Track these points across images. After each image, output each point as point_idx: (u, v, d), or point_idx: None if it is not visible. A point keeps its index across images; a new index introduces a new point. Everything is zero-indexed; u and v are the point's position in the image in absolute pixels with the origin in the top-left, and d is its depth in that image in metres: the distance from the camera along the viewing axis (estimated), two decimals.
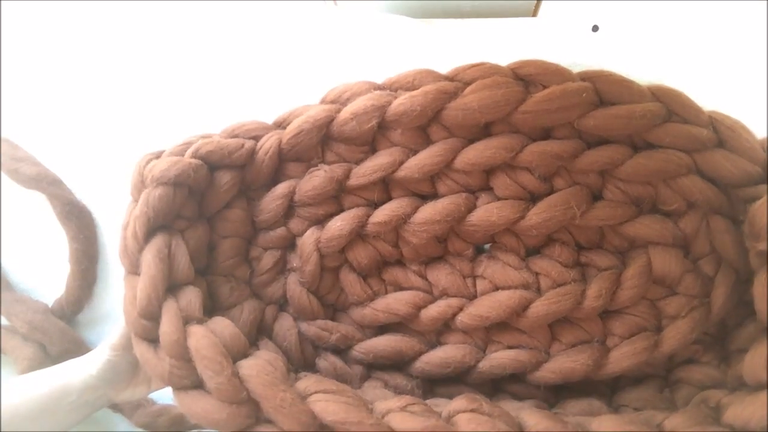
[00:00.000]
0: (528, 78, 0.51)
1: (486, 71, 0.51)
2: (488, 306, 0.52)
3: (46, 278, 0.67)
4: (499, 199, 0.53)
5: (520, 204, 0.52)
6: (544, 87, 0.50)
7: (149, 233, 0.45)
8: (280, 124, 0.54)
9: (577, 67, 0.51)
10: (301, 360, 0.53)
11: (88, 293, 0.67)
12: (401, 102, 0.51)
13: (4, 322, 0.65)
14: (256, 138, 0.53)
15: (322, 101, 0.55)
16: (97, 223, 0.67)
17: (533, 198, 0.53)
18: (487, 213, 0.52)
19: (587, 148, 0.51)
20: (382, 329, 0.56)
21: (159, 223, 0.46)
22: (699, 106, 0.50)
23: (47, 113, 0.67)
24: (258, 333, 0.52)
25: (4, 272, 0.67)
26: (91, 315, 0.67)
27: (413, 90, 0.51)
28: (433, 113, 0.51)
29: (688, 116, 0.49)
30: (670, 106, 0.49)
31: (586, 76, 0.50)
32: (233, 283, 0.53)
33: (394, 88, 0.53)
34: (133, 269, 0.45)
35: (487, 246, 0.57)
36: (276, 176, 0.54)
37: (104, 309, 0.67)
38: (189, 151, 0.49)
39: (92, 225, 0.66)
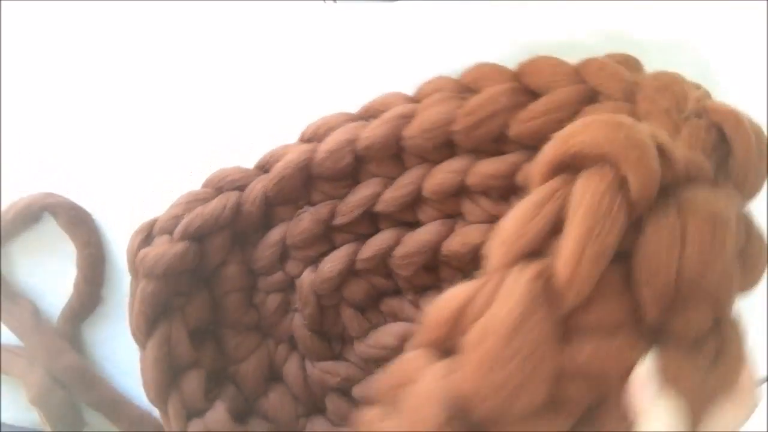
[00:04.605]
0: (472, 86, 0.48)
1: (435, 86, 0.49)
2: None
3: (46, 278, 0.68)
4: (471, 224, 0.51)
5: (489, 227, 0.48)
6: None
7: (150, 327, 0.51)
8: (263, 167, 0.55)
9: None
10: (310, 401, 0.56)
11: (96, 297, 0.67)
12: (366, 135, 0.50)
13: (5, 332, 0.67)
14: (241, 188, 0.54)
15: (301, 139, 0.55)
16: (99, 226, 0.67)
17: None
18: (463, 238, 0.51)
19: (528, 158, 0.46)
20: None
21: (158, 312, 0.51)
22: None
23: (47, 113, 0.67)
24: (270, 374, 0.57)
25: (5, 272, 0.68)
26: (95, 317, 0.68)
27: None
28: (396, 141, 0.50)
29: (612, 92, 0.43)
30: (594, 85, 0.44)
31: (516, 72, 0.46)
32: (239, 336, 0.56)
33: (367, 116, 0.53)
34: (143, 349, 0.52)
35: None
36: (266, 220, 0.55)
37: (106, 309, 0.68)
38: (178, 230, 0.51)
39: (95, 229, 0.66)
